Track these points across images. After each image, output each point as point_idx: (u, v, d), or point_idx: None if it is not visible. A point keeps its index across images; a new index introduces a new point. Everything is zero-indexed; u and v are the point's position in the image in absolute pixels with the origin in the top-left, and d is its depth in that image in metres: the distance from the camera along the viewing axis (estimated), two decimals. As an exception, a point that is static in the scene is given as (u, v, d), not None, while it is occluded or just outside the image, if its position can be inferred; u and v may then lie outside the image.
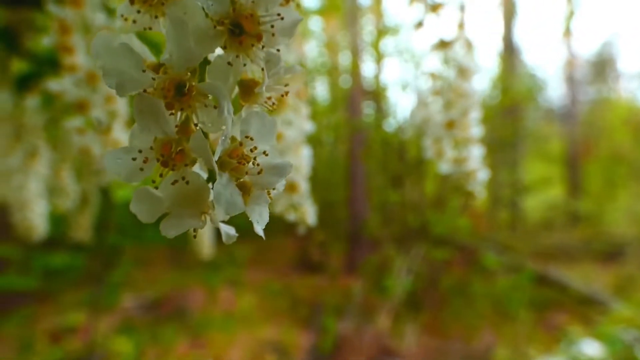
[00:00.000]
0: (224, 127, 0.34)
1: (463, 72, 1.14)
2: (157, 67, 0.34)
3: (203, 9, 0.33)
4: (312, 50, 10.79)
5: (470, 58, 1.15)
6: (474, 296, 6.59)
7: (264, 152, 0.37)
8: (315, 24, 10.21)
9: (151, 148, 0.34)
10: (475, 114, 1.18)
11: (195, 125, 0.35)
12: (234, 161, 0.35)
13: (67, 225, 1.48)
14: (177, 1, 0.33)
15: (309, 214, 1.02)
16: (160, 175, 0.35)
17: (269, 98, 0.40)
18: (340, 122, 9.75)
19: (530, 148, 11.91)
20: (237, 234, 0.39)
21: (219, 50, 0.35)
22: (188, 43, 0.32)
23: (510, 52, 11.09)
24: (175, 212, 0.35)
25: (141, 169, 0.34)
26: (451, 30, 1.14)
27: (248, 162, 0.36)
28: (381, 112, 8.92)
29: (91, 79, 0.94)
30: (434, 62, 1.16)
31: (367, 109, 9.42)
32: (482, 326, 6.10)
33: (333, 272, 8.13)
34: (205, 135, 0.35)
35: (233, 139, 0.36)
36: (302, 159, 1.01)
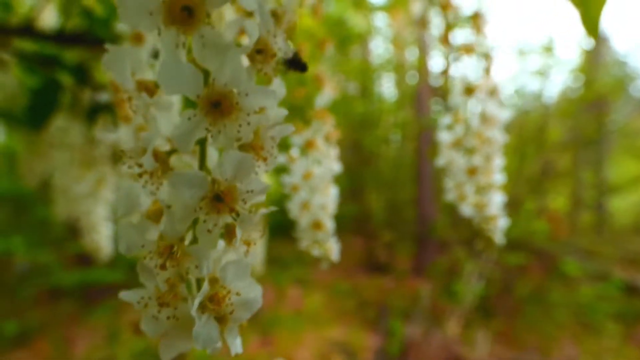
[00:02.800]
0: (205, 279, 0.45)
1: (487, 119, 1.12)
2: (159, 215, 0.47)
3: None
4: (377, 47, 10.66)
5: (496, 105, 1.12)
6: (552, 305, 6.19)
7: (237, 293, 0.46)
8: (380, 20, 10.06)
9: (150, 297, 0.46)
10: (498, 161, 1.15)
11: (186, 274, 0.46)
12: (212, 305, 0.45)
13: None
14: (170, 187, 0.43)
15: (333, 250, 1.04)
16: (159, 312, 0.46)
17: (246, 242, 0.50)
18: (407, 119, 9.55)
19: (619, 144, 10.91)
20: (221, 345, 0.48)
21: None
22: (175, 224, 0.44)
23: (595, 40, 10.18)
24: (170, 337, 0.47)
25: (146, 307, 0.46)
26: (477, 75, 1.13)
27: (224, 303, 0.45)
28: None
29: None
30: (461, 105, 1.16)
31: (435, 106, 9.14)
32: (561, 337, 5.71)
33: (400, 274, 8.01)
34: (190, 286, 0.47)
35: (212, 283, 0.46)
36: (329, 198, 1.04)
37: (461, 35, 1.13)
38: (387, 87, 11.24)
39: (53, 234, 5.86)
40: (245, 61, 0.48)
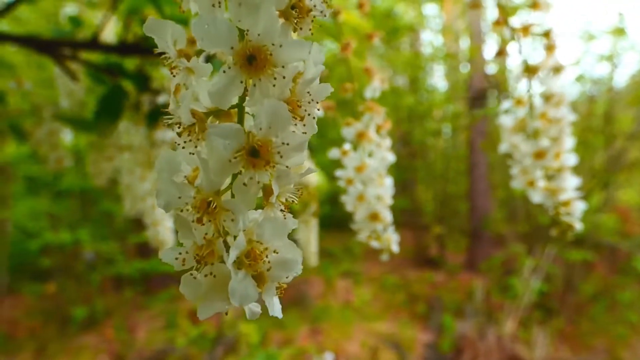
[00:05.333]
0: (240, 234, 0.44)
1: (551, 98, 1.05)
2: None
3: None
4: (428, 37, 10.38)
5: (560, 83, 1.05)
6: (623, 305, 5.75)
7: (275, 251, 0.45)
8: (431, 9, 9.79)
9: (187, 253, 0.45)
10: (569, 141, 1.06)
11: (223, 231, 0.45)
12: (248, 260, 0.43)
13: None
14: (205, 139, 0.43)
15: (393, 241, 1.03)
16: (197, 269, 0.45)
17: (284, 202, 0.49)
18: (459, 111, 9.23)
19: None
20: (260, 311, 0.47)
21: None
22: (210, 176, 0.44)
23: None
24: (209, 297, 0.45)
25: (183, 265, 0.45)
26: (537, 56, 1.06)
27: (261, 260, 0.44)
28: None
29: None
30: (522, 86, 1.09)
31: (491, 95, 8.75)
32: (633, 340, 5.30)
33: (452, 268, 7.78)
34: (227, 244, 0.46)
35: (249, 241, 0.45)
36: (385, 189, 1.01)
37: (518, 18, 1.09)
38: (437, 78, 10.93)
39: (116, 226, 6.25)
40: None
